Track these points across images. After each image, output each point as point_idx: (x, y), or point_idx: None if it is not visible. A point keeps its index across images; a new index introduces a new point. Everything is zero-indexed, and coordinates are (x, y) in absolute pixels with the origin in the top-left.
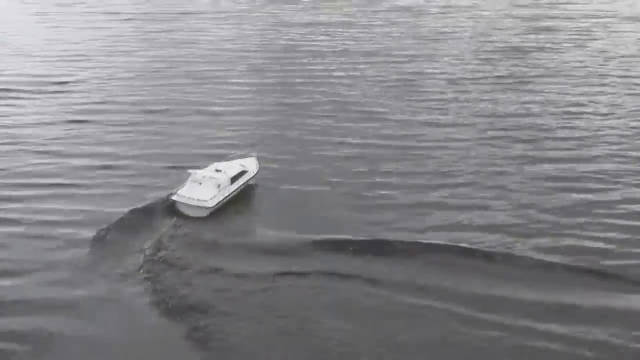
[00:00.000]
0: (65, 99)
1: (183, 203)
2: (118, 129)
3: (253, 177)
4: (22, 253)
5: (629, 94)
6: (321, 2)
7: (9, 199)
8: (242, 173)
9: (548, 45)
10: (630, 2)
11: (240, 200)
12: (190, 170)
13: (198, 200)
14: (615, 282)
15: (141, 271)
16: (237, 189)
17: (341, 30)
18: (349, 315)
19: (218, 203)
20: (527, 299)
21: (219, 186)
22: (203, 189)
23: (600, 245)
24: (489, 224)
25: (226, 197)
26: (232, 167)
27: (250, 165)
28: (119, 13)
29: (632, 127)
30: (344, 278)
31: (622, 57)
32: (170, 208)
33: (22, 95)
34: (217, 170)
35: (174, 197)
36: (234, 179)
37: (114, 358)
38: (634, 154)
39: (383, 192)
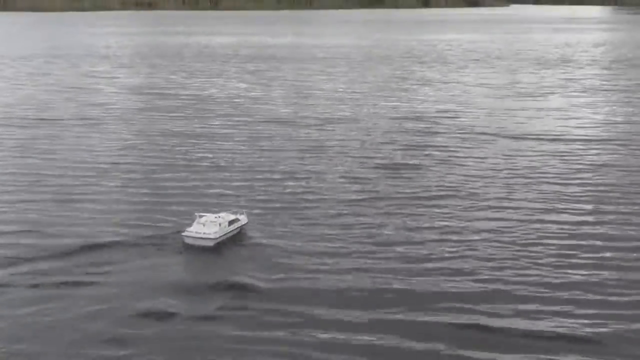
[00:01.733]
0: None
1: (192, 237)
2: None
3: (244, 225)
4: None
5: None
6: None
7: None
8: (237, 220)
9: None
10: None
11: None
12: (196, 214)
13: (204, 234)
14: None
15: None
16: (232, 230)
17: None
18: None
19: (219, 237)
20: None
21: (219, 225)
22: (207, 227)
23: None
24: None
25: (225, 234)
26: (228, 216)
27: (242, 216)
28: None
29: None
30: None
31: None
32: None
33: None
34: (217, 217)
35: (184, 234)
36: (230, 223)
37: None
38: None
39: None
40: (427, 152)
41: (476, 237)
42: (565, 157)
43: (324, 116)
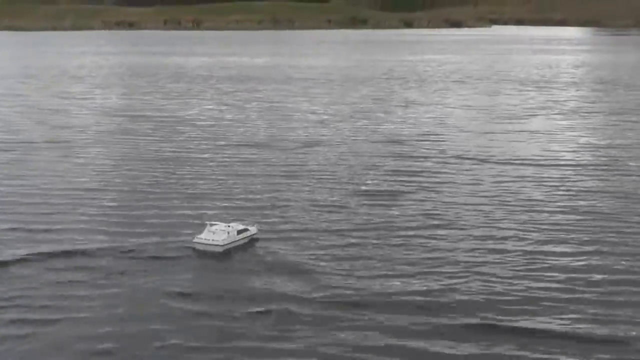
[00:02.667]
0: None
1: (203, 244)
2: None
3: (253, 235)
4: None
5: None
6: None
7: None
8: (246, 230)
9: None
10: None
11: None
12: (207, 222)
13: (213, 241)
14: None
15: None
16: (241, 239)
17: None
18: None
19: (226, 244)
20: None
21: (228, 233)
22: (217, 235)
23: None
24: None
25: (233, 242)
26: (238, 226)
27: (252, 227)
28: None
29: None
30: None
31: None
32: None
33: None
34: (228, 226)
35: (195, 240)
36: (239, 232)
37: None
38: None
39: None
40: (407, 177)
41: (455, 268)
42: (548, 182)
43: (301, 139)
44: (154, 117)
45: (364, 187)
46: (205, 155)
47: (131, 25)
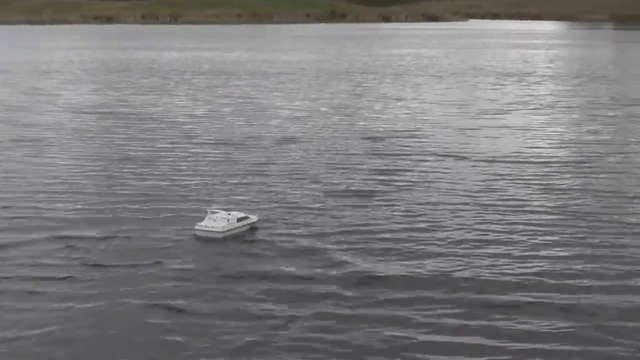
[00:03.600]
0: None
1: (203, 230)
2: None
3: (254, 222)
4: None
5: None
6: None
7: None
8: (246, 218)
9: None
10: None
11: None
12: (207, 209)
13: (213, 227)
14: None
15: None
16: (241, 226)
17: None
18: None
19: (226, 231)
20: None
21: (228, 221)
22: (217, 222)
23: None
24: None
25: (232, 229)
26: (239, 214)
27: (253, 215)
28: None
29: None
30: None
31: None
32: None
33: None
34: (228, 214)
35: (196, 227)
36: (239, 220)
37: None
38: None
39: None
40: (385, 176)
41: (437, 266)
42: (527, 179)
43: (277, 135)
44: (124, 113)
45: (341, 185)
46: (181, 153)
47: (109, 20)
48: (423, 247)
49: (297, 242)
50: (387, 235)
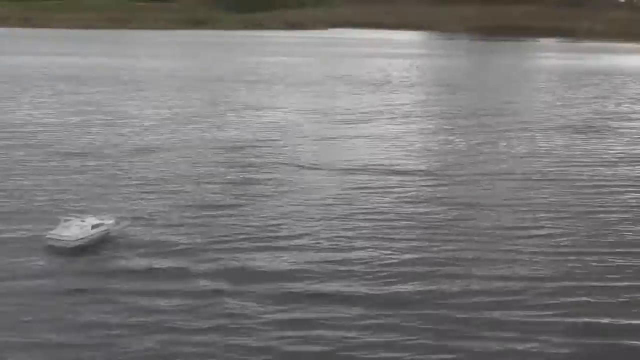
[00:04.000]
0: None
1: (55, 239)
2: None
3: (108, 230)
4: None
5: None
6: None
7: None
8: (101, 225)
9: None
10: None
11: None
12: (60, 217)
13: (67, 236)
14: None
15: None
16: (96, 233)
17: None
18: None
19: (79, 240)
20: None
21: (82, 228)
22: (70, 231)
23: None
24: None
25: (86, 237)
26: (94, 220)
27: (109, 220)
28: None
29: None
30: None
31: None
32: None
33: None
34: (82, 221)
35: (48, 236)
36: (94, 227)
37: None
38: None
39: None
40: (240, 185)
41: (289, 278)
42: (384, 189)
43: (132, 144)
44: None
45: (196, 195)
46: (32, 164)
47: None
48: (276, 258)
49: (148, 254)
50: (238, 246)
